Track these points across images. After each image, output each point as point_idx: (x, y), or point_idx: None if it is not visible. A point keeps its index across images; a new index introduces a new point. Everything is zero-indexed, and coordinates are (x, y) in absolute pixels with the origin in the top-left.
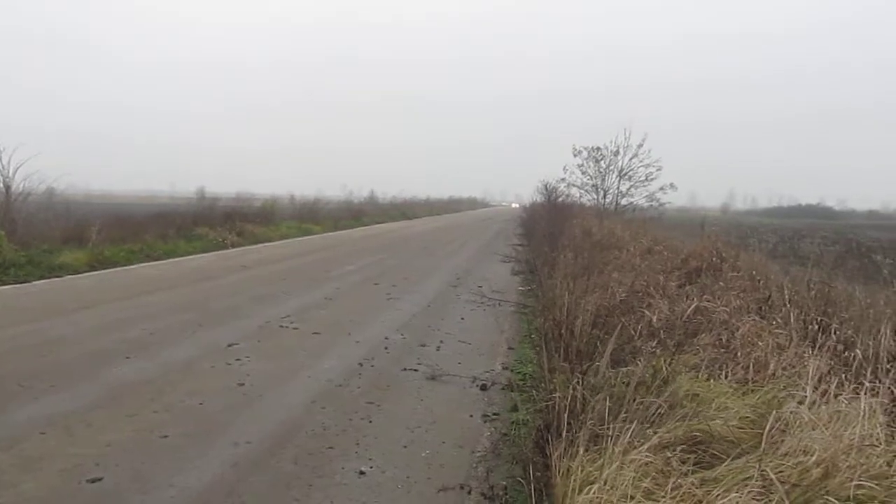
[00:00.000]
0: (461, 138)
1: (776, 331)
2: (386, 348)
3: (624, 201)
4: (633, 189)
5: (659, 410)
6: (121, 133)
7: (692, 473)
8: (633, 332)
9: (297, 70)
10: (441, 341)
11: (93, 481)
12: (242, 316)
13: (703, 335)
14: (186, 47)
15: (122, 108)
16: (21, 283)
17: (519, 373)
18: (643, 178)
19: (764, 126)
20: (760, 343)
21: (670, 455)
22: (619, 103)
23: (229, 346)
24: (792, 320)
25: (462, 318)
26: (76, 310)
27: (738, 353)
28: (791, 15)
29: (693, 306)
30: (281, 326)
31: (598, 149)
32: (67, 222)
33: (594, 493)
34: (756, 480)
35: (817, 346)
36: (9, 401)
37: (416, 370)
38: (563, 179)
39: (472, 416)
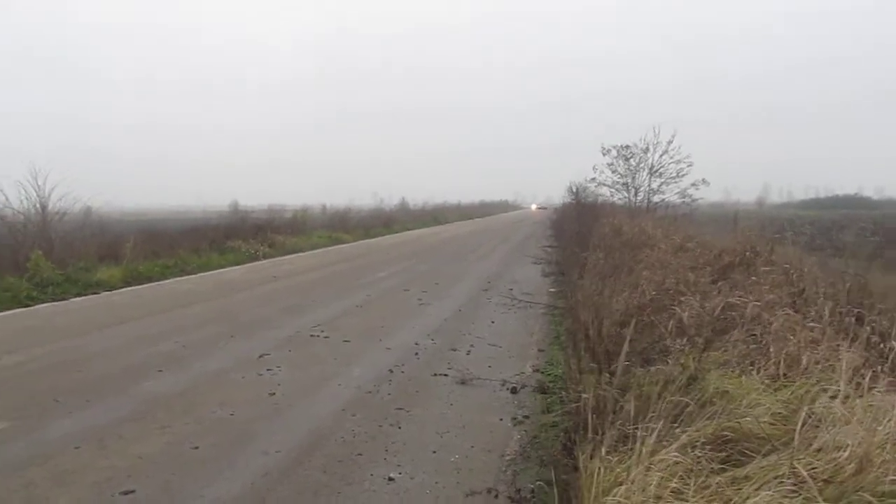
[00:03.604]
0: (494, 142)
1: (810, 324)
2: (416, 354)
3: (656, 198)
4: (664, 186)
5: (688, 409)
6: (155, 151)
7: (722, 472)
8: (663, 331)
9: (328, 83)
10: (471, 345)
11: (125, 493)
12: (273, 326)
13: (735, 331)
14: (217, 66)
15: (156, 128)
16: (59, 300)
17: (549, 375)
18: (674, 174)
19: (798, 116)
20: (792, 338)
21: (699, 454)
22: (651, 102)
23: (260, 356)
24: (826, 313)
25: (492, 322)
26: (111, 325)
27: (771, 349)
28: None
29: (724, 302)
30: (311, 336)
31: (628, 147)
32: (103, 240)
33: (621, 494)
34: (787, 478)
35: (850, 338)
36: (44, 416)
37: (446, 375)
38: (593, 179)
39: (501, 419)
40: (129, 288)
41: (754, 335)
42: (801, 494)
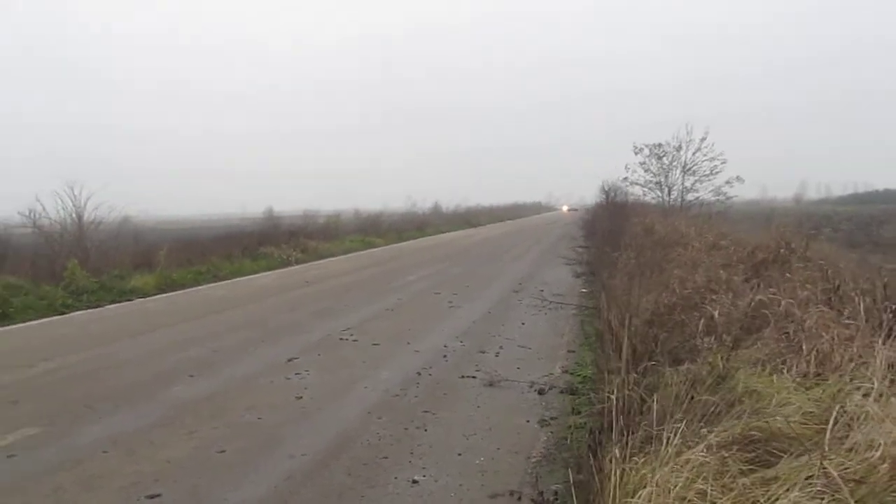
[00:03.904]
0: (526, 143)
1: (845, 321)
2: (445, 356)
3: (689, 197)
4: (697, 184)
5: (715, 409)
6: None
7: (750, 473)
8: (693, 329)
9: (361, 88)
10: (500, 347)
11: (151, 497)
12: (303, 331)
13: (767, 329)
14: (256, 77)
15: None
16: (93, 308)
17: (578, 376)
18: (707, 172)
19: (836, 111)
20: (825, 335)
21: (726, 454)
22: (684, 99)
23: (289, 360)
24: (861, 310)
25: (523, 324)
26: (144, 332)
27: (803, 346)
28: None
29: (756, 299)
30: (341, 339)
31: (660, 145)
32: (137, 248)
33: (645, 496)
34: (818, 478)
35: (886, 334)
36: (75, 422)
37: (473, 377)
38: (625, 178)
39: (528, 421)
40: (163, 295)
41: (787, 333)
42: (831, 496)
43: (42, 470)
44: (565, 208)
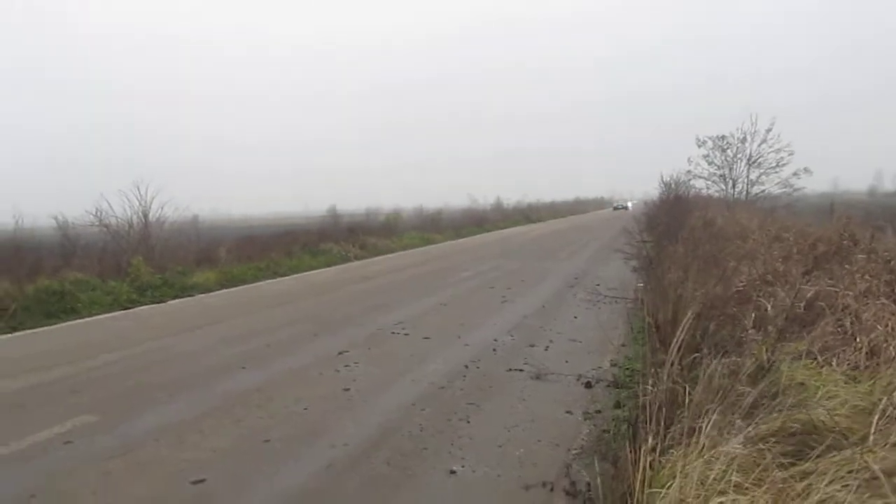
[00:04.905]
0: (590, 138)
1: None
2: (494, 350)
3: (755, 190)
4: (763, 176)
5: (757, 400)
6: (260, 162)
7: (790, 466)
8: (745, 322)
9: (425, 87)
10: (550, 341)
11: (195, 483)
12: (356, 325)
13: (823, 321)
14: (324, 79)
15: (262, 140)
16: (157, 303)
17: (627, 369)
18: (773, 164)
19: None
20: (881, 327)
21: (763, 447)
22: (750, 90)
23: (340, 353)
24: None
25: (575, 318)
26: (202, 326)
27: (857, 339)
28: None
29: (813, 292)
30: (392, 333)
31: (724, 137)
32: (199, 245)
33: (677, 487)
34: (859, 473)
35: None
36: (130, 411)
37: (521, 370)
38: (688, 172)
39: (572, 413)
40: (223, 290)
41: (841, 325)
42: (874, 491)
43: (96, 456)
44: (629, 205)
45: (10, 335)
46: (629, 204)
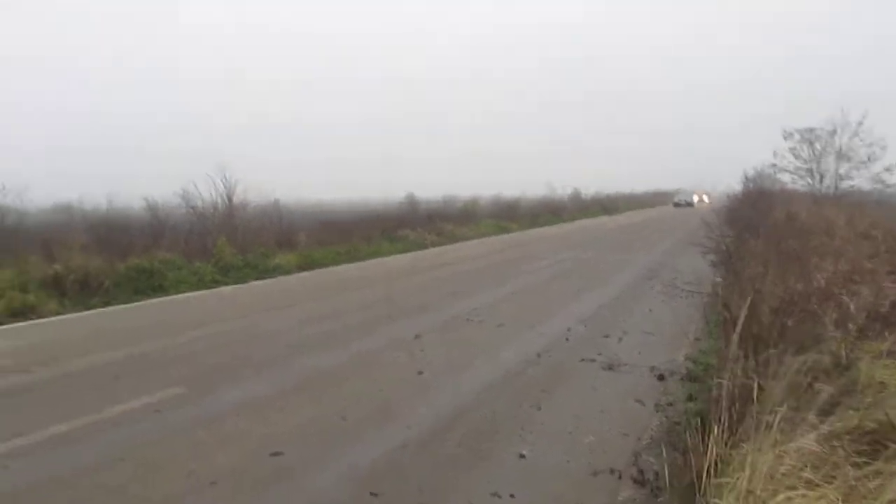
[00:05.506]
0: (675, 127)
1: None
2: (567, 339)
3: (844, 185)
4: (853, 171)
5: (835, 398)
6: (341, 148)
7: (864, 465)
8: (825, 320)
9: (518, 77)
10: (624, 332)
11: (274, 455)
12: (432, 310)
13: None
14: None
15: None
16: (240, 283)
17: (701, 363)
18: (865, 158)
19: None
20: None
21: (837, 444)
22: (839, 75)
23: (415, 337)
24: None
25: (650, 310)
26: (283, 307)
27: None
28: None
29: None
30: (467, 319)
31: (812, 130)
32: (281, 228)
33: (749, 479)
34: None
35: None
36: (216, 386)
37: (593, 360)
38: (773, 165)
39: (643, 404)
40: (303, 273)
41: None
42: None
43: (183, 426)
44: (706, 198)
45: (102, 309)
46: (694, 199)
